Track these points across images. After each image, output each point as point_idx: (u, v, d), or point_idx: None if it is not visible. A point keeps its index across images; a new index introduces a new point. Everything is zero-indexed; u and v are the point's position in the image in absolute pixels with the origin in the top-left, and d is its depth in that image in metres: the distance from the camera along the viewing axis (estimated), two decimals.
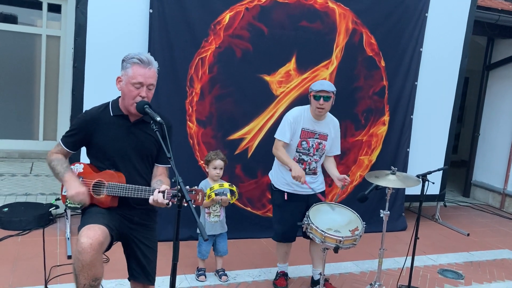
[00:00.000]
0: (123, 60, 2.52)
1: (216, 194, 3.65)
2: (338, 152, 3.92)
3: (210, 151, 4.37)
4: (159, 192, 2.33)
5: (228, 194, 3.73)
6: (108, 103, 2.63)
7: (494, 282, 4.49)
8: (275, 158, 3.82)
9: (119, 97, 2.61)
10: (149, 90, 2.50)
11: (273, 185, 3.86)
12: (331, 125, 3.77)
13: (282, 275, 3.95)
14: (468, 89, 10.65)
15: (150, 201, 2.35)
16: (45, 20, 7.96)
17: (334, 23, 5.18)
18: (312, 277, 4.04)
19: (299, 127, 3.65)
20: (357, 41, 5.33)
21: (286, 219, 3.74)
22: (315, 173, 3.78)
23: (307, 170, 3.71)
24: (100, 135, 2.54)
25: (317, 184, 3.79)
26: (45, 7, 7.90)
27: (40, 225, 4.69)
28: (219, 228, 3.93)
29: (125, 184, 2.49)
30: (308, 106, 3.72)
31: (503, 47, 7.71)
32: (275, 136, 3.74)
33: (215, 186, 3.64)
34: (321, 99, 3.53)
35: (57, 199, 2.93)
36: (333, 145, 3.83)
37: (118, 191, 2.48)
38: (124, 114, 2.56)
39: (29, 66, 7.97)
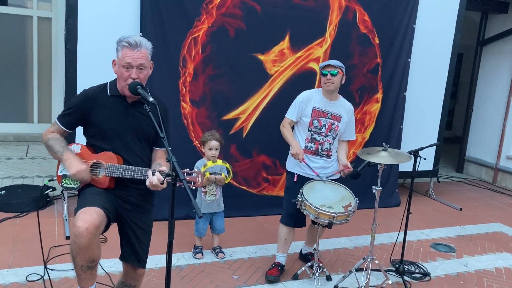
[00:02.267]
0: (116, 44, 2.53)
1: (210, 173, 3.69)
2: (353, 138, 3.91)
3: (205, 131, 4.40)
4: (153, 174, 2.36)
5: (223, 173, 3.76)
6: (106, 83, 2.63)
7: (485, 254, 4.59)
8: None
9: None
10: (140, 71, 2.50)
11: (286, 167, 3.87)
12: (344, 108, 3.74)
13: (277, 265, 3.77)
14: (462, 65, 10.66)
15: (147, 184, 2.39)
16: (35, 1, 7.86)
17: (327, 1, 5.16)
18: (301, 250, 4.16)
19: (309, 106, 3.66)
20: (350, 18, 5.32)
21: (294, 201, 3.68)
22: (328, 156, 3.72)
23: (319, 150, 3.68)
24: (97, 114, 2.55)
25: (330, 170, 3.74)
26: None
27: (38, 207, 4.73)
28: (215, 206, 3.99)
29: (123, 165, 2.51)
30: (320, 89, 3.74)
31: (496, 22, 7.70)
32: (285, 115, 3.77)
33: (208, 163, 3.68)
34: (328, 74, 3.56)
35: (51, 180, 2.93)
36: (347, 129, 3.79)
37: (116, 172, 2.50)
38: (121, 95, 2.57)
39: (21, 49, 7.91)
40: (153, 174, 2.38)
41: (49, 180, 2.92)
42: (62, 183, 2.61)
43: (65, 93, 4.49)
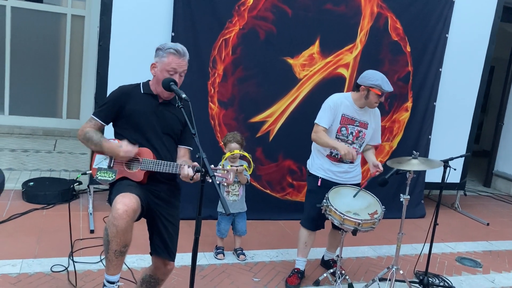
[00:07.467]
0: (158, 49, 2.68)
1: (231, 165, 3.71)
2: (379, 142, 3.87)
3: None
4: (189, 167, 2.50)
5: (245, 165, 3.77)
6: (140, 83, 2.78)
7: None
8: (313, 143, 3.73)
9: (149, 80, 2.77)
10: (180, 76, 2.70)
11: (308, 170, 3.82)
12: (372, 115, 3.70)
13: (296, 273, 3.75)
14: (493, 77, 10.43)
15: (182, 174, 2.51)
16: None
17: (359, 7, 5.12)
18: (323, 256, 4.12)
19: (339, 112, 3.59)
20: (382, 25, 5.26)
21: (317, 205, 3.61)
22: (352, 162, 3.68)
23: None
24: (129, 109, 2.68)
25: (353, 175, 3.72)
26: None
27: (64, 199, 4.81)
28: (238, 207, 3.98)
29: (158, 160, 2.62)
30: (349, 94, 3.68)
31: None
32: (315, 122, 3.63)
33: (226, 154, 3.69)
34: (383, 96, 3.53)
35: (84, 174, 3.01)
36: (374, 135, 3.77)
37: (151, 166, 2.60)
38: (153, 93, 2.72)
39: (54, 45, 8.08)
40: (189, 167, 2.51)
41: (81, 174, 2.99)
42: (97, 176, 2.69)
43: (96, 89, 4.55)
